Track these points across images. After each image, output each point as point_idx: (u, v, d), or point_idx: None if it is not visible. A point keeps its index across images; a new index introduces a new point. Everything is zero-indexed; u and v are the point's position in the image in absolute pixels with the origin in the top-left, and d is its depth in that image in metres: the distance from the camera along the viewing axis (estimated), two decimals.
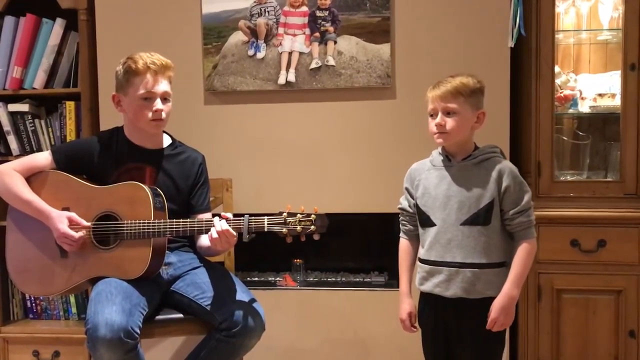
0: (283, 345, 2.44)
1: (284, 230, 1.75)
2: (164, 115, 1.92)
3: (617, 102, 2.30)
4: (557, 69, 2.34)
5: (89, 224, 1.86)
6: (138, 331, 1.72)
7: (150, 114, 1.90)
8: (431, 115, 1.71)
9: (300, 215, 1.76)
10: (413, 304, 1.81)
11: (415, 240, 1.83)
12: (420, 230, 1.78)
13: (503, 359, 2.28)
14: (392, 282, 2.52)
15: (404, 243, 1.86)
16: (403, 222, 1.86)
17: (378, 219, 2.49)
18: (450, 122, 1.67)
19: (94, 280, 1.86)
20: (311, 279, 2.60)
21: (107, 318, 1.66)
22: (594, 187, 2.29)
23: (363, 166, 2.40)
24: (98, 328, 1.64)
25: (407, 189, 1.83)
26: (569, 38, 2.49)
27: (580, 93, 2.39)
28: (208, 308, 1.86)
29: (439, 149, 1.79)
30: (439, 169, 1.76)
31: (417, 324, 1.81)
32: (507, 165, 1.72)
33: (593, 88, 2.40)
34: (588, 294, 2.24)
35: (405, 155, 1.91)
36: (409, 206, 1.82)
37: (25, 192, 1.89)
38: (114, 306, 1.69)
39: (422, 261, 1.76)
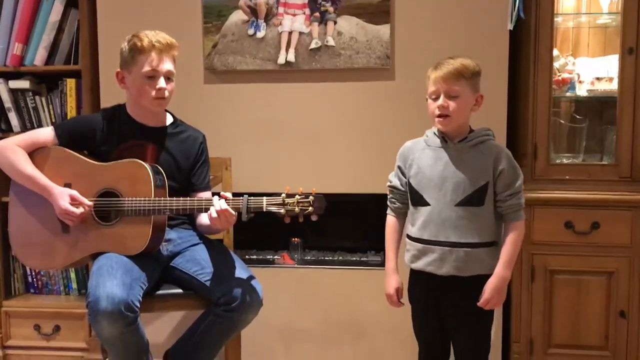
0: (280, 321, 2.48)
1: (282, 210, 1.77)
2: (166, 93, 1.94)
3: (614, 85, 2.31)
4: (555, 52, 2.35)
5: (90, 202, 1.88)
6: (138, 305, 1.75)
7: (153, 92, 1.91)
8: (433, 98, 1.71)
9: (299, 197, 1.77)
10: (400, 280, 1.83)
11: (402, 218, 1.85)
12: (412, 208, 1.80)
13: (496, 338, 2.35)
14: None
15: (391, 220, 1.87)
16: (392, 199, 1.86)
17: (375, 200, 2.51)
18: (452, 105, 1.67)
19: (95, 256, 1.89)
20: (309, 258, 2.63)
21: (108, 291, 1.68)
22: (589, 170, 2.31)
23: (361, 147, 2.42)
24: (99, 301, 1.67)
25: (399, 167, 1.83)
26: (568, 21, 2.49)
27: (578, 76, 2.40)
28: (207, 284, 1.89)
29: (434, 129, 1.79)
30: (435, 149, 1.76)
31: (403, 300, 1.84)
32: (502, 148, 1.75)
33: (591, 72, 2.41)
34: (581, 275, 2.28)
35: (403, 137, 1.92)
36: (401, 184, 1.83)
37: (28, 167, 1.90)
38: (114, 280, 1.72)
39: (414, 239, 1.77)
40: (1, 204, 2.55)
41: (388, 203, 1.88)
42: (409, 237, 1.81)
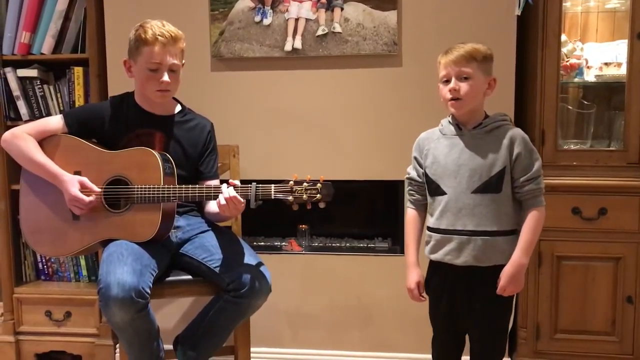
0: (288, 307, 2.50)
1: (290, 198, 1.77)
2: (169, 87, 1.94)
3: (623, 71, 2.30)
4: (563, 37, 2.33)
5: (99, 189, 1.90)
6: (148, 291, 1.76)
7: (156, 85, 1.92)
8: (444, 82, 1.71)
9: (307, 184, 1.78)
10: (421, 273, 1.82)
11: (422, 210, 1.84)
12: (429, 199, 1.78)
13: None
14: (395, 247, 2.56)
15: (411, 213, 1.85)
16: (411, 192, 1.85)
17: (382, 186, 2.52)
18: (464, 87, 1.67)
19: (105, 243, 1.91)
20: (316, 244, 2.64)
21: (119, 278, 1.70)
22: (597, 156, 2.30)
23: (368, 134, 2.42)
24: (110, 287, 1.69)
25: (415, 158, 1.83)
26: (577, 6, 2.47)
27: (586, 62, 2.39)
28: (216, 270, 1.91)
29: (449, 118, 1.78)
30: (450, 137, 1.75)
31: (424, 294, 1.83)
32: (518, 132, 1.72)
33: (599, 57, 2.39)
34: (588, 260, 2.28)
35: (410, 123, 1.93)
36: (418, 175, 1.82)
37: (39, 155, 1.92)
38: (125, 267, 1.74)
39: (432, 230, 1.76)
40: (12, 192, 2.58)
41: (407, 196, 1.87)
42: (428, 228, 1.80)
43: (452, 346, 1.84)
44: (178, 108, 2.09)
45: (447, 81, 1.70)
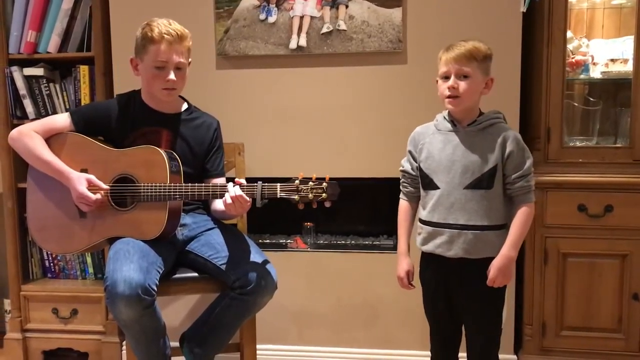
0: (293, 304, 2.51)
1: (296, 197, 1.78)
2: (175, 85, 1.95)
3: (629, 67, 2.29)
4: (569, 34, 2.33)
5: (107, 186, 1.91)
6: (155, 288, 1.77)
7: (162, 83, 1.93)
8: (443, 78, 1.73)
9: (312, 183, 1.78)
10: (411, 263, 1.86)
11: (414, 202, 1.88)
12: (422, 192, 1.82)
13: (508, 321, 2.36)
14: None
15: (403, 204, 1.89)
16: (404, 184, 1.89)
17: (387, 184, 2.51)
18: (463, 86, 1.69)
19: (111, 240, 1.92)
20: (321, 242, 2.65)
21: (126, 275, 1.71)
22: (603, 153, 2.30)
23: (373, 131, 2.42)
24: (117, 285, 1.70)
25: (410, 151, 1.86)
26: (582, 3, 2.47)
27: (592, 58, 2.39)
28: (222, 267, 1.91)
29: (444, 114, 1.81)
30: (444, 133, 1.78)
31: (414, 282, 1.87)
32: (511, 131, 1.75)
33: (605, 53, 2.39)
34: (593, 258, 2.28)
35: (415, 121, 1.92)
36: (412, 169, 1.85)
37: (46, 153, 1.93)
38: (131, 264, 1.74)
39: (425, 222, 1.80)
40: (19, 190, 2.59)
41: (401, 187, 1.90)
42: (420, 220, 1.83)
43: (449, 339, 1.87)
44: (184, 106, 2.10)
45: (447, 77, 1.72)
